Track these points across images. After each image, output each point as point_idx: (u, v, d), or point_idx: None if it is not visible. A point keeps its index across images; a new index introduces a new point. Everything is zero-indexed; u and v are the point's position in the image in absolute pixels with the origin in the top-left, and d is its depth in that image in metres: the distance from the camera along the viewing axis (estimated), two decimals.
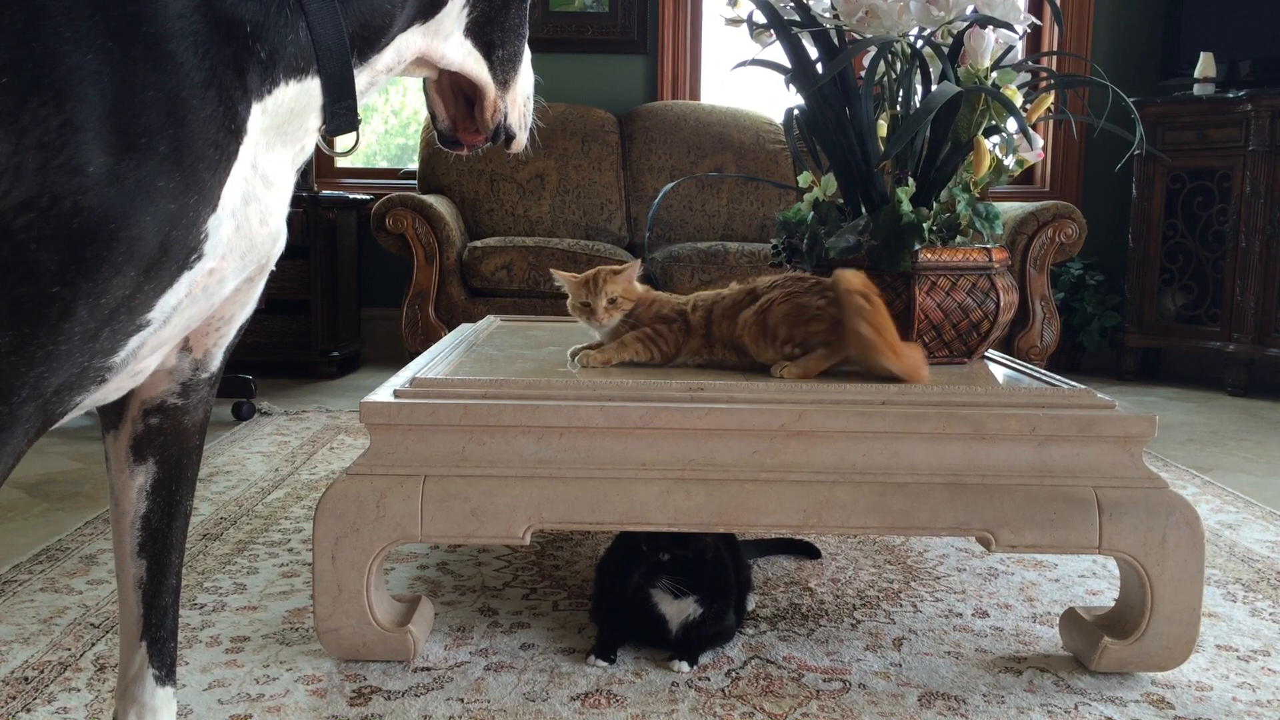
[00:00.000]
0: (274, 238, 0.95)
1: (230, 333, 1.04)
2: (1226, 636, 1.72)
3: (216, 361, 1.07)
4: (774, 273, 1.76)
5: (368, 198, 4.40)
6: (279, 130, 0.91)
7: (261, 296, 1.08)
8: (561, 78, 4.76)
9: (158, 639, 1.12)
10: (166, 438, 1.08)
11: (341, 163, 4.75)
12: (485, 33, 1.08)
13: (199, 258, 0.85)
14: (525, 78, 1.18)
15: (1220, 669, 1.60)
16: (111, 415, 1.08)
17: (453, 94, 1.17)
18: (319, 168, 4.53)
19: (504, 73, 1.12)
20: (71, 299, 0.77)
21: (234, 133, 0.85)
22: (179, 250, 0.83)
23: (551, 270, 1.80)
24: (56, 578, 1.89)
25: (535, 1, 4.67)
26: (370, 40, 0.96)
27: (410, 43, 1.02)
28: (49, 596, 1.80)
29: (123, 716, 1.14)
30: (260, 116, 0.88)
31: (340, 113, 0.95)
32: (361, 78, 0.97)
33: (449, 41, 1.05)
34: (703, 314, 1.72)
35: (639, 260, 1.77)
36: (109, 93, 0.77)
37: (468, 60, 1.09)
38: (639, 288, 1.76)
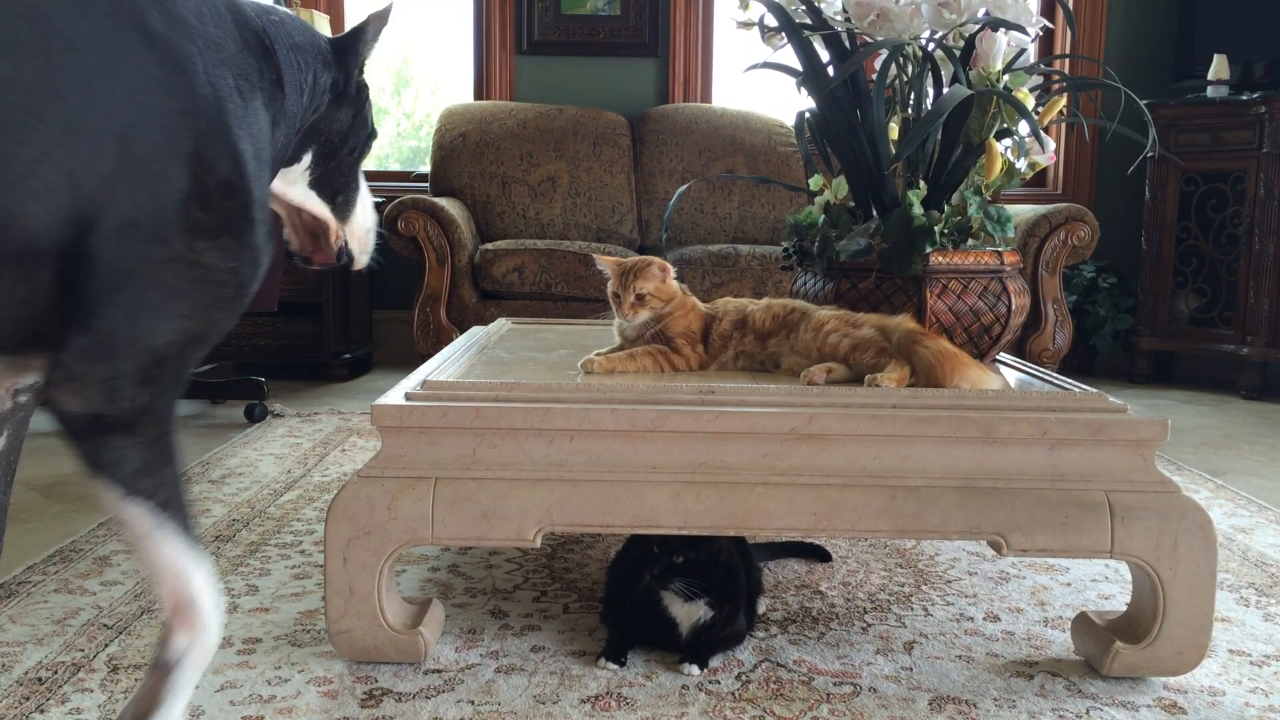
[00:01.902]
0: None
1: None
2: (1239, 641, 1.71)
3: None
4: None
5: (379, 200, 4.39)
6: None
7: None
8: (573, 80, 4.77)
9: None
10: None
11: None
12: (325, 186, 1.44)
13: None
14: (363, 216, 1.52)
15: (1233, 674, 1.59)
16: None
17: (303, 228, 1.50)
18: None
19: (342, 212, 1.48)
20: None
21: None
22: None
23: (594, 256, 1.83)
24: (70, 579, 1.90)
25: (544, 9, 4.68)
26: None
27: None
28: (62, 598, 1.81)
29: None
30: None
31: None
32: None
33: (294, 188, 1.42)
34: (731, 327, 1.73)
35: (668, 265, 1.78)
36: None
37: (309, 200, 1.44)
38: (675, 288, 1.76)
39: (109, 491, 1.10)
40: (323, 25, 4.28)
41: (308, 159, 1.39)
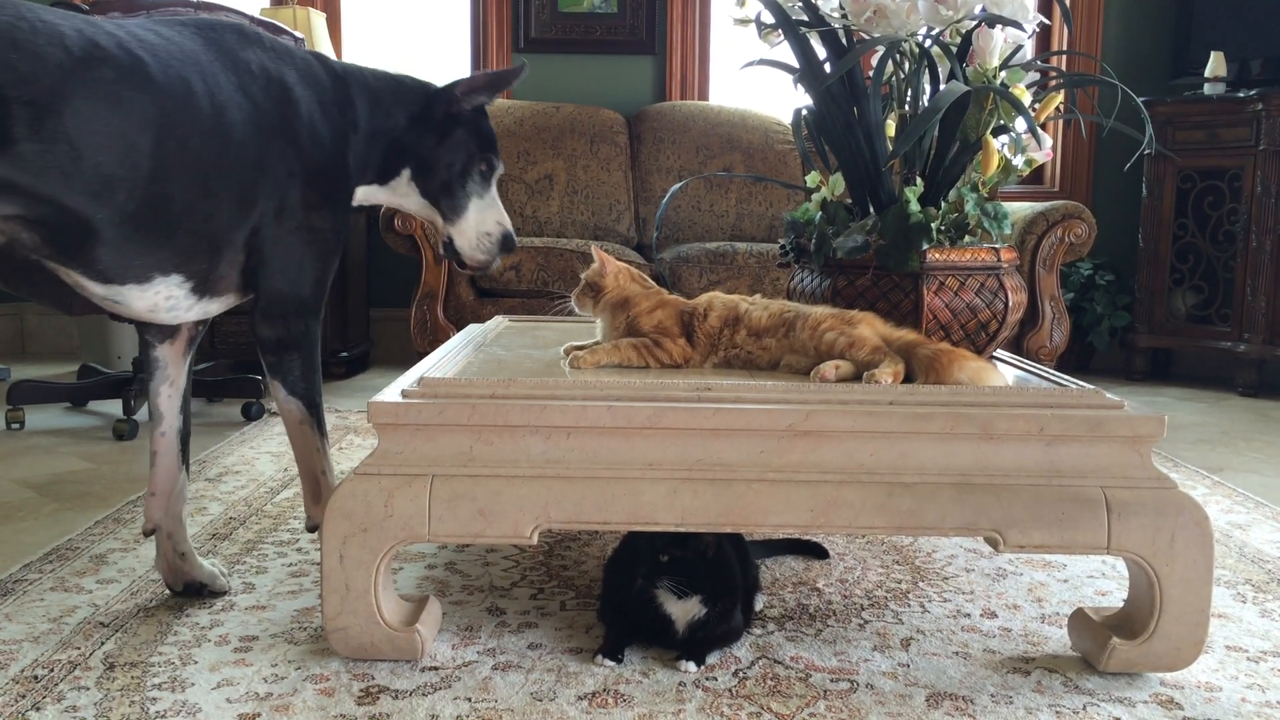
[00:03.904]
0: None
1: None
2: (1236, 637, 1.71)
3: None
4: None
5: None
6: None
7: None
8: (570, 78, 4.76)
9: None
10: None
11: None
12: (432, 195, 1.81)
13: None
14: (475, 221, 1.82)
15: (1229, 670, 1.59)
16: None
17: (431, 232, 1.99)
18: None
19: (449, 215, 1.82)
20: None
21: None
22: None
23: (592, 247, 1.94)
24: (66, 577, 1.89)
25: (541, 7, 4.68)
26: None
27: (371, 194, 1.81)
28: (59, 596, 1.80)
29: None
30: None
31: None
32: None
33: (407, 200, 1.83)
34: (720, 323, 1.72)
35: (607, 256, 1.83)
36: None
37: (422, 208, 1.83)
38: (634, 288, 1.77)
39: (280, 391, 1.70)
40: (318, 22, 4.28)
41: (406, 174, 1.80)
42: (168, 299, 1.60)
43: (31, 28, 1.36)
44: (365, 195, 1.81)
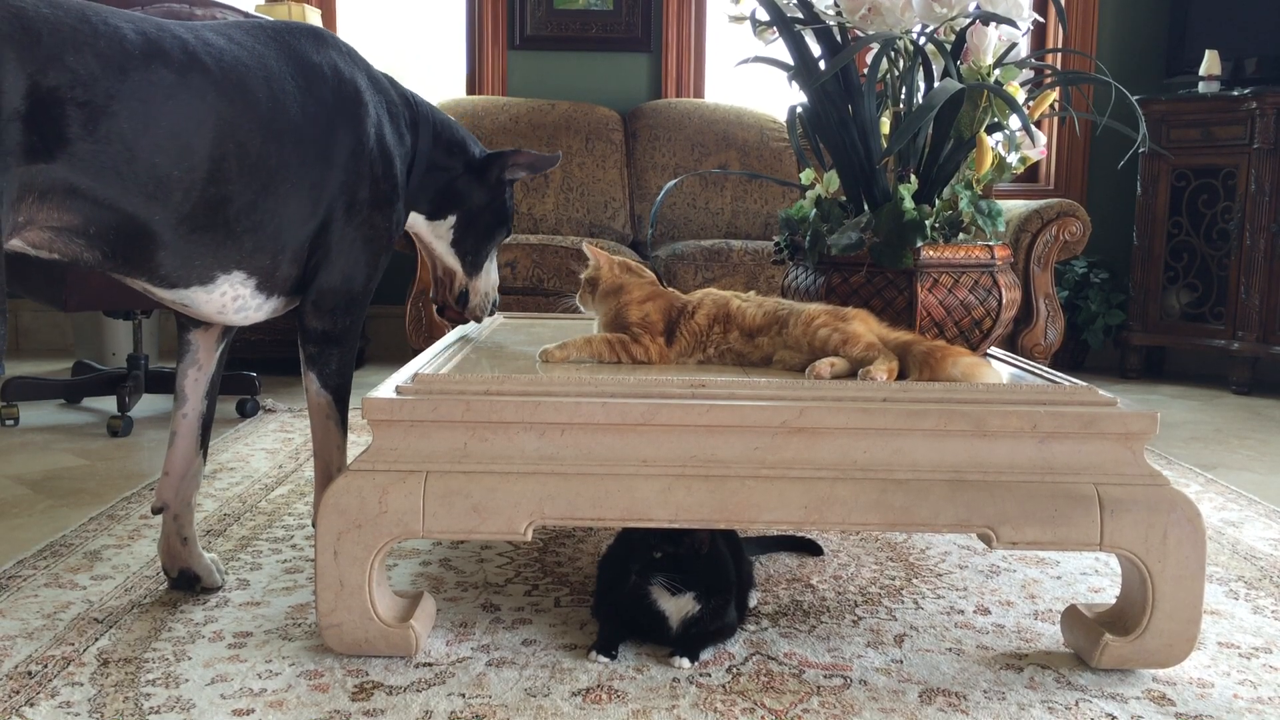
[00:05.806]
0: None
1: None
2: (1228, 634, 1.72)
3: None
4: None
5: None
6: None
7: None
8: (565, 75, 4.76)
9: None
10: None
11: None
12: (461, 245, 1.96)
13: None
14: (487, 279, 2.01)
15: (1222, 666, 1.60)
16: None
17: (437, 280, 2.02)
18: None
19: (469, 269, 1.98)
20: None
21: None
22: None
23: (584, 244, 1.94)
24: (60, 573, 1.89)
25: (537, 4, 4.68)
26: None
27: (415, 223, 1.91)
28: (53, 592, 1.80)
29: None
30: None
31: None
32: None
33: (439, 242, 1.95)
34: (708, 321, 1.71)
35: (598, 250, 1.86)
36: None
37: (447, 255, 1.97)
38: (628, 278, 1.78)
39: (313, 383, 1.76)
40: (314, 18, 4.27)
41: (452, 220, 1.93)
42: (235, 299, 1.63)
43: (94, 30, 1.37)
44: (411, 222, 1.90)
